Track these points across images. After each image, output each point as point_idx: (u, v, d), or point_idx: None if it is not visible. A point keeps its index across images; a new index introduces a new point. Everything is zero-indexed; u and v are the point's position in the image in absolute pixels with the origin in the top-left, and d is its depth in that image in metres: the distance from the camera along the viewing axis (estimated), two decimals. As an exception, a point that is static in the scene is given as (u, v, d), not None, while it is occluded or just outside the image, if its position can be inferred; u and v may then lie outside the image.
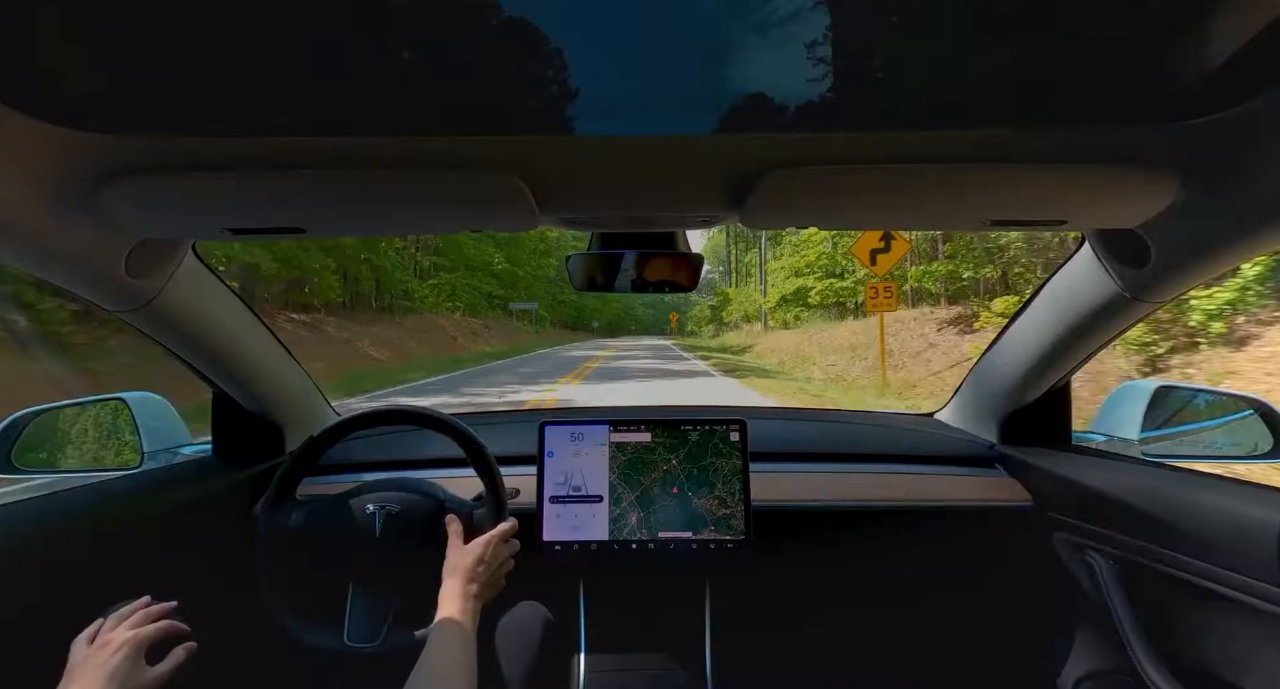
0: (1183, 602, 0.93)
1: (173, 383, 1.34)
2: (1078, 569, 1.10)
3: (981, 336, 10.70)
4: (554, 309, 49.05)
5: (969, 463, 1.32)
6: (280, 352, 1.23)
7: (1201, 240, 0.76)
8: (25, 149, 0.57)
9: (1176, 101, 0.56)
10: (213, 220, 0.74)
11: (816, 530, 1.26)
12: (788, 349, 19.32)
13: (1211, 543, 0.86)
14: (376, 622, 0.99)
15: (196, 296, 0.98)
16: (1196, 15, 0.46)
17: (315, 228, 0.78)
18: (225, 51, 0.48)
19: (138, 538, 1.00)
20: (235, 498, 1.19)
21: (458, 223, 0.81)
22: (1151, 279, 0.86)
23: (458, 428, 1.06)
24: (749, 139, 0.61)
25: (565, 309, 55.24)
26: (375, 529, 1.00)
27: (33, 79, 0.51)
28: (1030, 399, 1.24)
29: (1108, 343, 1.07)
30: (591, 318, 68.91)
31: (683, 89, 0.54)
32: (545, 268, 40.68)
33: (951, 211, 0.79)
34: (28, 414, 1.16)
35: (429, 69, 0.51)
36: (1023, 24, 0.48)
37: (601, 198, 0.76)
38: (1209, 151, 0.62)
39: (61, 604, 0.87)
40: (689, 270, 0.98)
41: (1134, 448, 1.21)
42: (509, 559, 1.00)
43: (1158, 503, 0.95)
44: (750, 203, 0.71)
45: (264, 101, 0.54)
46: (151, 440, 1.24)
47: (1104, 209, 0.75)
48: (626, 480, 1.15)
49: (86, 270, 0.80)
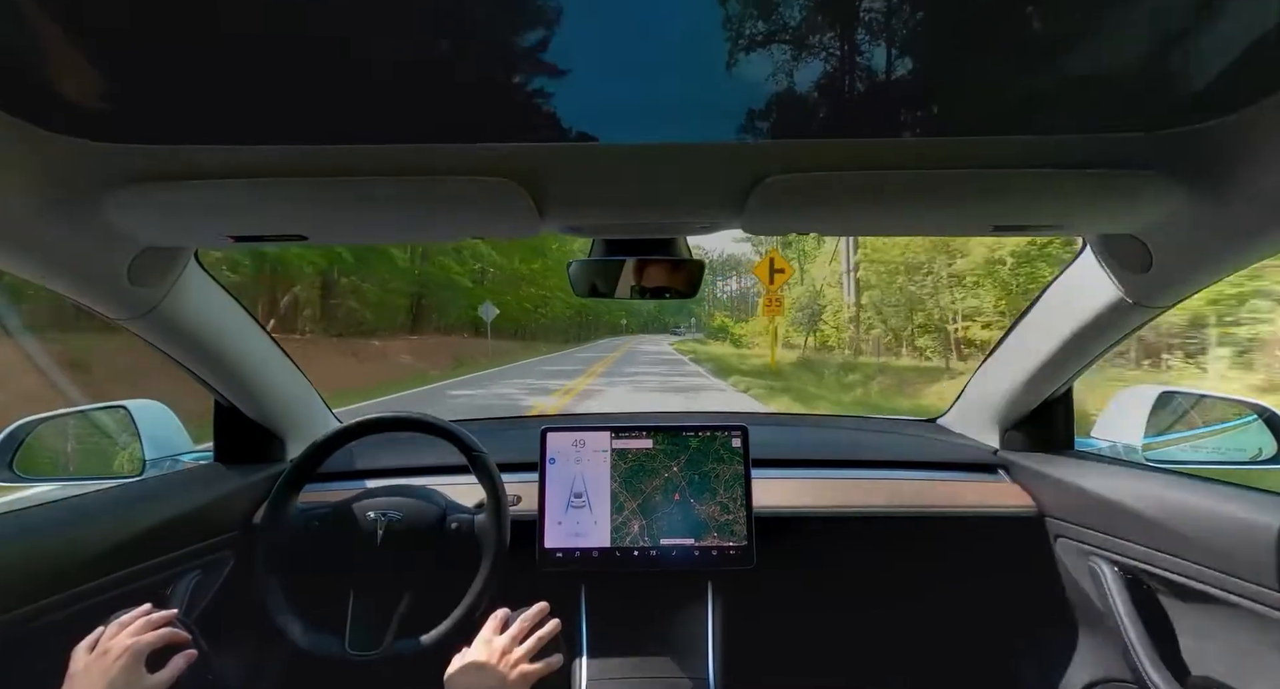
0: (1187, 608, 0.92)
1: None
2: (1081, 575, 1.09)
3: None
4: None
5: (971, 469, 1.31)
6: (283, 359, 1.24)
7: (1202, 246, 0.76)
8: (29, 158, 0.58)
9: (1177, 107, 0.56)
10: (215, 228, 0.74)
11: (819, 537, 1.25)
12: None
13: (1216, 548, 0.85)
14: (378, 630, 0.98)
15: (199, 304, 0.99)
16: (1196, 21, 0.47)
17: (317, 235, 0.78)
18: (227, 61, 0.49)
19: (139, 545, 1.00)
20: (237, 505, 1.19)
21: (459, 230, 0.81)
22: (1153, 284, 0.86)
23: (458, 435, 1.06)
24: (750, 145, 0.62)
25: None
26: (377, 536, 1.00)
27: (37, 89, 0.51)
28: (1033, 404, 1.24)
29: (1110, 348, 1.07)
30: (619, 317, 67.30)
31: (684, 96, 0.54)
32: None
33: (954, 217, 0.79)
34: (30, 422, 1.16)
35: (430, 77, 0.51)
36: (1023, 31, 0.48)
37: (602, 204, 0.76)
38: (1209, 157, 0.62)
39: (63, 611, 0.87)
40: (690, 276, 0.98)
41: (1137, 453, 1.21)
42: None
43: (1162, 508, 0.95)
44: (751, 209, 0.72)
45: (266, 110, 0.54)
46: (154, 448, 1.24)
47: (1104, 214, 0.75)
48: (628, 488, 1.15)
49: (89, 278, 0.80)
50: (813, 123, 0.57)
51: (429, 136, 0.58)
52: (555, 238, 18.32)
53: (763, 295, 14.84)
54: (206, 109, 0.54)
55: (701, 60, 0.51)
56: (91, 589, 0.92)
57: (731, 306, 78.81)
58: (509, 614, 0.93)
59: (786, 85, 0.52)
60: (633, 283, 0.97)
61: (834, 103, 0.55)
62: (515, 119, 0.56)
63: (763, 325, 22.39)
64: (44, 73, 0.50)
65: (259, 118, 0.55)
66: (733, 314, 61.85)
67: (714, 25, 0.49)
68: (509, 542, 1.02)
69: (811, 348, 21.99)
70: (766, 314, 14.52)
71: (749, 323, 34.06)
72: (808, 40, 0.49)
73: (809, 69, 0.51)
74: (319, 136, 0.58)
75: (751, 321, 32.82)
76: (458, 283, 22.16)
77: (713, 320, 59.52)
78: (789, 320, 22.01)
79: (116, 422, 1.27)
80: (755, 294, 62.86)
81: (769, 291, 13.29)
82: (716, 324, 32.76)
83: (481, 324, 23.34)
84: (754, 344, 29.06)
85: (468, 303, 23.57)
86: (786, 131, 0.57)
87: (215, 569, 1.13)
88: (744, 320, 31.75)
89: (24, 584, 0.84)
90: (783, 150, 0.62)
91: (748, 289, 78.24)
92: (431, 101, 0.54)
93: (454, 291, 22.42)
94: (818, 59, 0.50)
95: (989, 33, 0.49)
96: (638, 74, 0.52)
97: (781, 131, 0.57)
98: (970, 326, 13.16)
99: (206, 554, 1.11)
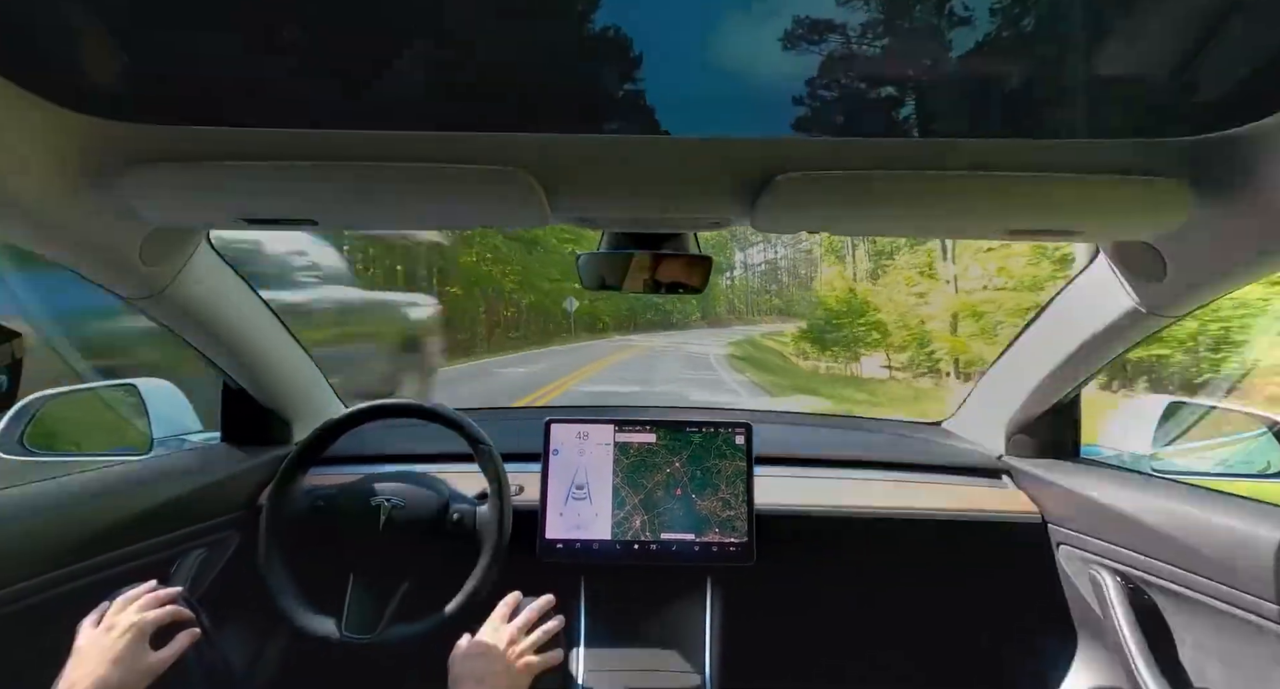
0: (1189, 619, 0.92)
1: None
2: (1083, 584, 1.09)
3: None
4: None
5: (975, 473, 1.31)
6: (292, 344, 1.24)
7: (1217, 255, 0.75)
8: (49, 135, 0.58)
9: (1197, 115, 0.55)
10: (227, 209, 0.75)
11: (820, 536, 1.25)
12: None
13: (1220, 561, 0.85)
14: (374, 614, 0.99)
15: (210, 286, 0.99)
16: (1220, 28, 0.46)
17: (327, 219, 0.78)
18: (244, 44, 0.49)
19: (145, 522, 1.01)
20: (243, 486, 1.20)
21: (469, 219, 0.81)
22: (1166, 293, 0.85)
23: (465, 426, 1.06)
24: (761, 142, 0.61)
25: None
26: (379, 522, 1.01)
27: (58, 68, 0.51)
28: (1039, 411, 1.23)
29: (1119, 356, 1.06)
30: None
31: (697, 91, 0.54)
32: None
33: (967, 220, 0.78)
34: (41, 397, 1.18)
35: (445, 65, 0.51)
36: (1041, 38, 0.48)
37: (612, 197, 0.76)
38: (1225, 166, 0.61)
39: (69, 585, 0.89)
40: (699, 272, 0.99)
41: (1143, 463, 1.20)
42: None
43: (1167, 519, 0.94)
44: (761, 206, 0.71)
45: (280, 94, 0.55)
46: (161, 427, 1.25)
47: (1120, 222, 0.74)
48: (630, 484, 1.15)
49: (102, 256, 0.81)
50: (827, 121, 0.56)
51: (441, 124, 0.58)
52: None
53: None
54: (222, 91, 0.54)
55: (718, 55, 0.51)
56: (97, 564, 0.93)
57: (756, 288, 64.59)
58: (520, 599, 0.94)
59: (804, 83, 0.52)
60: (642, 276, 0.98)
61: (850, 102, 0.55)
62: (527, 109, 0.56)
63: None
64: (65, 52, 0.50)
65: (273, 101, 0.55)
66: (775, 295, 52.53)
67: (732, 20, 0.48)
68: (509, 535, 1.03)
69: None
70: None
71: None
72: (828, 39, 0.49)
73: (826, 69, 0.51)
74: (332, 121, 0.58)
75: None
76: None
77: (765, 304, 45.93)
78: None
79: (126, 399, 1.28)
80: (797, 268, 51.57)
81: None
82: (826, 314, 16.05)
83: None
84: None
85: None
86: (800, 130, 0.57)
87: (220, 549, 1.14)
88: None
89: (31, 558, 0.85)
90: (797, 147, 0.62)
91: (780, 262, 61.25)
92: (445, 90, 0.54)
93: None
94: (835, 59, 0.50)
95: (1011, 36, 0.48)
96: (652, 68, 0.51)
97: (795, 129, 0.57)
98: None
99: (211, 533, 1.12)
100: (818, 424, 1.70)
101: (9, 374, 0.57)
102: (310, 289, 4.59)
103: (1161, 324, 0.94)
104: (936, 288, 12.68)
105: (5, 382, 0.57)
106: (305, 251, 4.76)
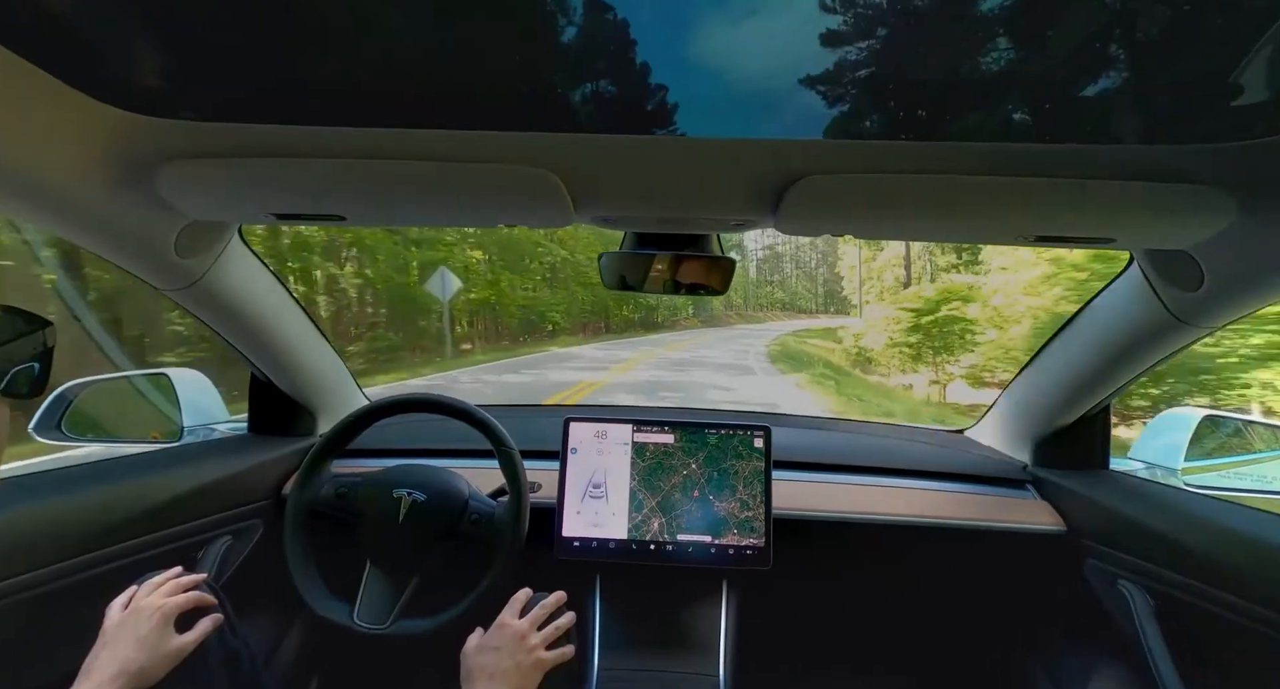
0: (1220, 640, 0.89)
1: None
2: (1110, 599, 1.06)
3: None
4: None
5: (999, 483, 1.28)
6: (318, 338, 1.27)
7: (1259, 265, 0.72)
8: (90, 130, 0.60)
9: (1236, 120, 0.53)
10: (259, 204, 0.76)
11: (839, 542, 1.24)
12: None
13: (1256, 580, 0.82)
14: (387, 605, 1.01)
15: (240, 279, 1.01)
16: (1259, 33, 0.44)
17: (355, 216, 0.80)
18: (281, 43, 0.50)
19: (173, 508, 1.03)
20: (268, 475, 1.22)
21: (494, 217, 0.82)
22: (1202, 304, 0.83)
23: (492, 427, 1.07)
24: (785, 144, 0.61)
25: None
26: (399, 514, 1.02)
27: (100, 65, 0.53)
28: (1067, 421, 1.20)
29: (1151, 368, 1.03)
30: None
31: (722, 92, 0.54)
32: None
33: (994, 225, 0.77)
34: (78, 384, 1.21)
35: (472, 66, 0.52)
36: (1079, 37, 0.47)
37: (636, 198, 0.76)
38: (1267, 174, 0.59)
39: (98, 568, 0.91)
40: (720, 273, 0.98)
41: (1175, 477, 1.17)
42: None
43: (1199, 535, 0.91)
44: (785, 208, 0.71)
45: (313, 92, 0.56)
46: (191, 416, 1.28)
47: (1156, 229, 0.72)
48: (648, 484, 1.15)
49: (139, 248, 0.83)
50: (852, 123, 0.56)
51: (469, 124, 0.59)
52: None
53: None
54: (257, 89, 0.55)
55: (741, 57, 0.50)
56: (127, 549, 0.95)
57: (755, 278, 59.45)
58: (530, 596, 0.94)
59: (829, 85, 0.52)
60: (664, 277, 0.98)
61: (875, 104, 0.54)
62: (552, 109, 0.56)
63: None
64: (105, 49, 0.52)
65: (308, 100, 0.56)
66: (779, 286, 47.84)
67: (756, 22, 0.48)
68: (525, 538, 1.04)
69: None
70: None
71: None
72: (853, 41, 0.48)
73: (852, 71, 0.50)
74: (363, 119, 0.59)
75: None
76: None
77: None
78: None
79: (158, 388, 1.32)
80: (800, 255, 47.05)
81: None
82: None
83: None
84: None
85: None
86: (826, 132, 0.56)
87: (244, 536, 1.17)
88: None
89: (64, 541, 0.88)
90: (821, 150, 0.61)
91: (780, 248, 56.80)
92: (473, 90, 0.55)
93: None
94: (862, 61, 0.49)
95: (1043, 37, 0.47)
96: (677, 69, 0.51)
97: (821, 132, 0.56)
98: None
99: (237, 521, 1.15)
100: (837, 429, 1.68)
101: (41, 362, 0.59)
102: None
103: (1196, 335, 0.91)
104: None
105: (37, 368, 0.58)
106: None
